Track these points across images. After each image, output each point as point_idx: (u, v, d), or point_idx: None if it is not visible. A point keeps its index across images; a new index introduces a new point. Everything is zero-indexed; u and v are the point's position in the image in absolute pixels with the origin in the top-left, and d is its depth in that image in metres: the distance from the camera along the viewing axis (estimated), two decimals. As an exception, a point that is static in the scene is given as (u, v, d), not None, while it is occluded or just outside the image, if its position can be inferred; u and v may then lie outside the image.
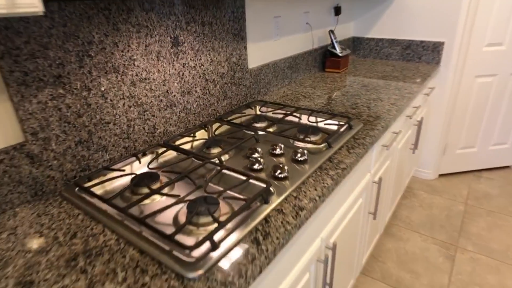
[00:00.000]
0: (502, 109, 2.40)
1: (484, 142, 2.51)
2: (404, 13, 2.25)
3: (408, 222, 2.06)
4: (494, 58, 2.23)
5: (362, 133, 1.18)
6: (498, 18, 2.11)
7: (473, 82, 2.28)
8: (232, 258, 0.63)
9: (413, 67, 2.15)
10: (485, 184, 2.44)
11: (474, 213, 2.13)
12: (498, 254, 1.80)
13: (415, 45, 2.28)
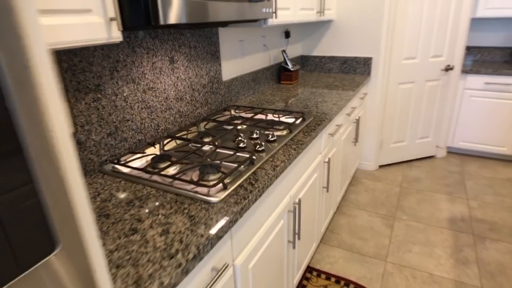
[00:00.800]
0: (422, 109, 3.00)
1: (411, 137, 3.09)
2: (340, 35, 2.79)
3: (356, 203, 2.51)
4: (411, 69, 2.82)
5: (313, 123, 1.60)
6: (410, 38, 2.71)
7: (397, 88, 2.85)
8: (237, 191, 0.99)
9: (349, 78, 2.67)
10: (415, 171, 2.99)
11: (407, 193, 2.64)
12: (424, 219, 2.30)
13: (350, 61, 2.82)
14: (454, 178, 2.84)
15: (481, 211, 2.38)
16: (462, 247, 2.03)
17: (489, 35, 3.38)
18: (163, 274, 0.69)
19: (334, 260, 1.96)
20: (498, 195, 2.56)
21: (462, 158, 3.20)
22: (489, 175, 2.88)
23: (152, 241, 0.79)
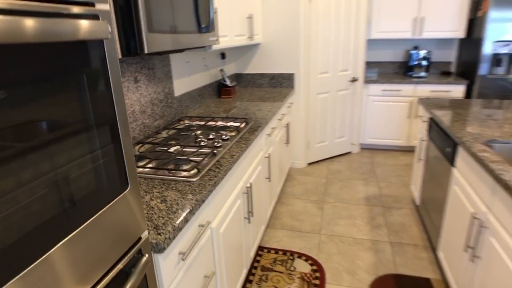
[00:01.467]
0: (337, 114, 3.64)
1: (331, 137, 3.70)
2: (267, 55, 3.30)
3: (292, 194, 2.98)
4: (325, 81, 3.44)
5: (254, 126, 2.01)
6: (322, 56, 3.33)
7: (316, 98, 3.44)
8: (208, 173, 1.34)
9: (278, 91, 3.18)
10: (337, 165, 3.59)
11: (332, 182, 3.19)
12: (347, 200, 2.85)
13: (277, 76, 3.34)
14: (367, 167, 3.50)
15: (388, 189, 3.01)
16: (375, 216, 2.59)
17: (383, 52, 4.21)
18: (172, 222, 1.01)
19: (280, 238, 2.37)
20: (399, 177, 3.25)
21: (372, 152, 3.92)
22: (392, 162, 3.60)
23: (156, 207, 1.10)
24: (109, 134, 0.72)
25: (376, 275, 1.99)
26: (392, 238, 2.33)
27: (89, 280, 0.67)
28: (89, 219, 0.66)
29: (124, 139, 0.76)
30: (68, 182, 0.62)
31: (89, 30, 0.58)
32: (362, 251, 2.20)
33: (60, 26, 0.52)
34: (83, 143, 0.65)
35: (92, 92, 0.66)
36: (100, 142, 0.69)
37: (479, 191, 1.44)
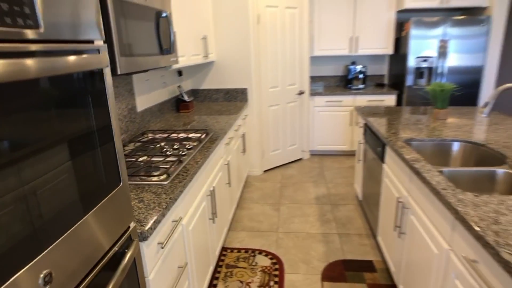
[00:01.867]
0: (288, 124, 3.97)
1: (284, 146, 4.01)
2: (221, 72, 3.54)
3: (250, 199, 3.21)
4: (275, 95, 3.76)
5: (214, 136, 2.23)
6: (272, 72, 3.65)
7: (268, 110, 3.74)
8: (177, 177, 1.54)
9: (233, 105, 3.42)
10: (290, 170, 3.89)
11: (286, 186, 3.48)
12: (300, 201, 3.14)
13: (232, 91, 3.59)
14: (316, 171, 3.84)
15: (335, 189, 3.36)
16: (325, 213, 2.90)
17: (325, 68, 4.66)
18: (151, 216, 1.19)
19: (241, 239, 2.58)
20: (344, 177, 3.63)
21: (320, 157, 4.29)
22: (338, 165, 3.98)
23: (136, 206, 1.28)
24: (106, 137, 0.90)
25: (327, 262, 2.27)
26: (340, 230, 2.64)
27: (97, 255, 0.84)
28: (96, 206, 0.84)
29: (117, 142, 0.95)
30: (82, 177, 0.79)
31: (96, 62, 0.77)
32: (315, 243, 2.48)
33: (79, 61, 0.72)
34: (88, 146, 0.83)
35: (95, 105, 0.85)
36: (100, 144, 0.87)
37: (401, 179, 1.78)
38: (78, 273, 0.76)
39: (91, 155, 0.83)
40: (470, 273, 1.09)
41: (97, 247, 0.85)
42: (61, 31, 0.71)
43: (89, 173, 0.83)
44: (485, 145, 1.79)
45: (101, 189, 0.88)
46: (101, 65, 0.80)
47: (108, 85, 0.89)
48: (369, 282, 2.05)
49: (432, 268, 1.38)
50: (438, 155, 1.95)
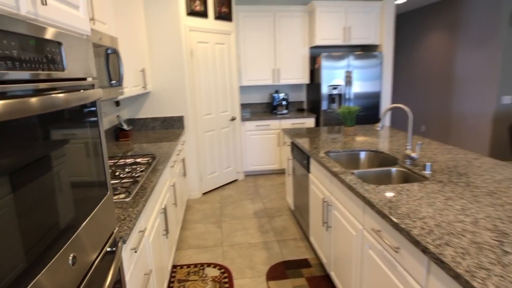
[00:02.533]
0: (223, 148, 4.27)
1: (220, 168, 4.28)
2: (158, 101, 3.74)
3: (193, 220, 3.39)
4: (210, 121, 4.06)
5: (161, 160, 2.42)
6: (206, 100, 3.96)
7: (204, 135, 4.01)
8: (137, 194, 1.72)
9: (171, 132, 3.62)
10: (227, 191, 4.16)
11: (226, 205, 3.73)
12: (240, 217, 3.41)
13: (169, 119, 3.79)
14: (252, 189, 4.18)
15: (270, 203, 3.72)
16: (263, 225, 3.22)
17: (253, 96, 5.13)
18: (126, 224, 1.37)
19: (189, 256, 2.74)
20: (277, 193, 4.02)
21: (254, 177, 4.65)
22: (271, 183, 4.38)
23: (106, 220, 1.43)
24: (98, 151, 1.10)
25: (270, 265, 2.56)
26: (278, 237, 2.97)
27: (99, 246, 1.02)
28: (94, 211, 1.03)
29: (105, 156, 1.15)
30: (81, 188, 0.99)
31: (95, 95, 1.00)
32: (257, 251, 2.76)
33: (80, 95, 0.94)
34: (87, 159, 1.03)
35: (91, 126, 1.05)
36: (94, 158, 1.07)
37: (324, 183, 2.20)
38: (90, 258, 0.94)
39: (89, 166, 1.03)
40: (377, 240, 1.48)
41: (99, 241, 1.03)
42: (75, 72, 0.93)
43: (90, 182, 1.02)
44: (383, 152, 2.32)
45: (98, 195, 1.07)
46: (97, 96, 1.02)
47: (99, 110, 1.11)
48: (307, 276, 2.39)
49: (352, 248, 1.77)
50: (350, 162, 2.43)
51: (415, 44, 6.55)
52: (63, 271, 0.79)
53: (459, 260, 0.99)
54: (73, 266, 0.84)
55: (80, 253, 0.89)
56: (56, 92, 0.78)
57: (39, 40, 0.75)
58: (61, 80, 0.86)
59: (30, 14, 0.72)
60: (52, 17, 0.82)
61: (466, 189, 1.57)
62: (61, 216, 0.83)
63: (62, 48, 0.85)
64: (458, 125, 5.54)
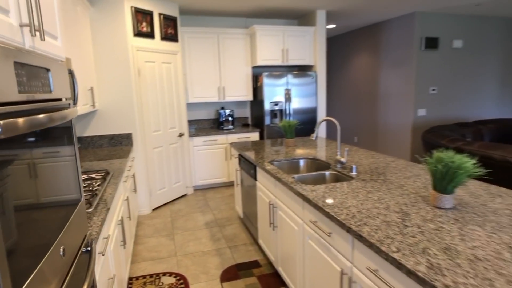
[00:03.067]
0: (171, 163, 4.38)
1: (169, 184, 4.38)
2: (105, 119, 3.77)
3: (144, 235, 3.44)
4: (159, 138, 4.17)
5: (115, 174, 2.51)
6: (154, 117, 4.07)
7: (153, 152, 4.10)
8: (98, 205, 1.83)
9: (120, 149, 3.67)
10: (177, 206, 4.26)
11: (177, 219, 3.83)
12: (191, 228, 3.54)
13: (117, 137, 3.84)
14: (202, 202, 4.33)
15: (220, 214, 3.90)
16: (215, 233, 3.39)
17: (200, 112, 5.32)
18: (94, 229, 1.49)
19: (144, 268, 2.82)
20: (227, 204, 4.22)
21: (203, 191, 4.81)
22: (220, 195, 4.57)
23: (72, 228, 1.54)
24: (72, 162, 1.24)
25: (223, 268, 2.74)
26: (229, 244, 3.16)
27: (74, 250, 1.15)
28: (73, 214, 1.17)
29: (78, 166, 1.29)
30: (64, 193, 1.13)
31: (73, 113, 1.16)
32: (210, 258, 2.93)
33: (62, 114, 1.10)
34: (66, 167, 1.17)
35: (68, 140, 1.20)
36: (71, 167, 1.21)
37: (269, 188, 2.47)
38: (74, 251, 1.08)
39: (67, 175, 1.17)
40: (314, 230, 1.77)
41: (79, 238, 1.16)
42: (58, 93, 1.09)
43: (69, 189, 1.16)
44: (319, 159, 2.67)
45: (75, 200, 1.20)
46: (74, 115, 1.18)
47: (73, 125, 1.25)
48: (257, 275, 2.61)
49: (295, 241, 2.05)
50: (291, 169, 2.74)
51: (346, 64, 7.30)
52: (57, 260, 0.93)
53: (372, 234, 1.31)
54: (64, 257, 0.98)
55: (67, 247, 1.03)
56: (50, 111, 0.94)
57: (35, 68, 0.91)
58: (50, 100, 1.02)
59: (31, 47, 0.89)
60: (44, 48, 0.98)
61: (383, 184, 1.94)
62: (54, 215, 0.97)
63: (50, 73, 1.01)
64: (384, 134, 6.26)
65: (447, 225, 1.36)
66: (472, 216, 1.44)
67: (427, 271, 1.03)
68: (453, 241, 1.22)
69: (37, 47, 0.94)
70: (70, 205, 1.16)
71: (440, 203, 1.54)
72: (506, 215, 1.44)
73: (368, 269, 1.30)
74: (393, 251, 1.16)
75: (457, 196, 1.70)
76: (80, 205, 1.27)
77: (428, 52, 5.49)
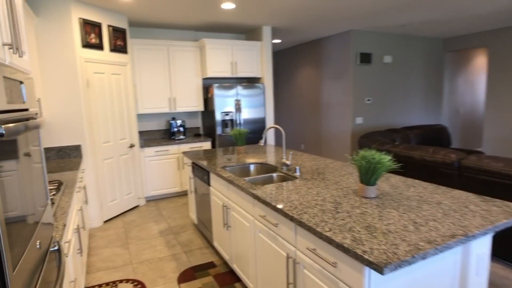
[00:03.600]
0: (123, 175, 4.37)
1: (121, 195, 4.36)
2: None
3: (98, 247, 3.42)
4: (109, 149, 4.16)
5: (68, 185, 2.54)
6: (104, 129, 4.07)
7: (103, 163, 4.08)
8: (56, 213, 1.88)
9: (69, 161, 3.62)
10: (130, 217, 4.26)
11: (130, 229, 3.84)
12: (146, 237, 3.59)
13: (65, 148, 3.77)
14: (155, 213, 4.37)
15: (174, 222, 3.99)
16: (170, 240, 3.48)
17: (151, 123, 5.36)
18: (57, 235, 1.57)
19: (100, 278, 2.83)
20: (180, 213, 4.31)
21: (156, 201, 4.84)
22: (173, 205, 4.64)
23: (33, 234, 1.60)
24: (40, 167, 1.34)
25: (180, 271, 2.86)
26: (185, 249, 3.28)
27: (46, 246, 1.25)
28: (43, 213, 1.26)
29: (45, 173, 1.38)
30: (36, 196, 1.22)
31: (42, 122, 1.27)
32: (167, 263, 3.02)
33: (36, 123, 1.22)
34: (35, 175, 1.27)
35: (33, 150, 1.30)
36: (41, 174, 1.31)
37: (223, 192, 2.66)
38: (47, 246, 1.18)
39: (38, 180, 1.27)
40: (263, 223, 2.00)
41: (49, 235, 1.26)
42: (29, 104, 1.20)
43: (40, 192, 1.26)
44: (267, 163, 2.92)
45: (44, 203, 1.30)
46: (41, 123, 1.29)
47: (40, 134, 1.35)
48: (213, 274, 2.77)
49: (248, 237, 2.25)
50: (243, 173, 2.96)
51: (292, 76, 7.76)
52: (35, 251, 1.04)
53: (310, 220, 1.56)
54: (40, 249, 1.09)
55: (42, 241, 1.14)
56: (25, 120, 1.07)
57: (13, 81, 1.03)
58: (22, 110, 1.13)
59: (10, 63, 1.01)
60: (18, 63, 1.10)
61: (322, 181, 2.23)
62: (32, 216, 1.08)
63: (23, 85, 1.13)
64: (327, 141, 6.75)
65: (370, 210, 1.66)
66: (390, 202, 1.76)
67: (351, 242, 1.30)
68: (373, 221, 1.51)
69: (14, 63, 1.05)
70: (40, 206, 1.26)
71: (365, 193, 1.84)
72: (416, 200, 1.78)
73: (308, 249, 1.55)
74: (326, 231, 1.42)
75: (380, 188, 2.03)
76: (47, 207, 1.36)
77: (363, 66, 6.09)
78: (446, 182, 3.07)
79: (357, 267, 1.25)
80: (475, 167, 2.82)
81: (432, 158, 3.17)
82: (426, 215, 1.56)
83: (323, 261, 1.45)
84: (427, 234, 1.35)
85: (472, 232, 1.37)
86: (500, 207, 1.65)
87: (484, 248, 1.55)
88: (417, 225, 1.44)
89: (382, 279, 1.24)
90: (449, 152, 3.11)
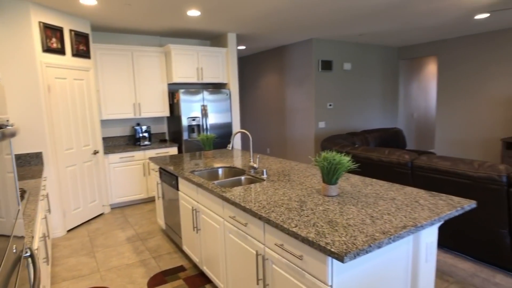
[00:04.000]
0: (86, 182, 4.27)
1: (85, 203, 4.25)
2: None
3: (61, 257, 3.33)
4: (72, 156, 4.05)
5: (31, 193, 2.47)
6: (66, 135, 3.96)
7: (66, 170, 3.97)
8: (24, 218, 1.85)
9: (29, 169, 3.49)
10: (95, 225, 4.16)
11: (96, 237, 3.76)
12: (113, 245, 3.54)
13: (24, 156, 3.64)
14: (121, 220, 4.30)
15: (141, 229, 3.96)
16: (138, 247, 3.46)
17: (115, 129, 5.26)
18: (27, 242, 1.56)
19: (66, 287, 2.76)
20: (147, 219, 4.27)
21: (121, 208, 4.75)
22: (139, 212, 4.59)
23: (0, 242, 1.58)
24: (12, 177, 1.34)
25: (149, 277, 2.86)
26: (153, 255, 3.28)
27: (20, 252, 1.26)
28: (16, 219, 1.27)
29: (15, 177, 1.38)
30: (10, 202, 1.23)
31: (16, 131, 1.28)
32: (136, 269, 3.01)
33: (12, 130, 1.23)
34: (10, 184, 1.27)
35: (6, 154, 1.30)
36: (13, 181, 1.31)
37: (192, 195, 2.71)
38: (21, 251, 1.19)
39: (12, 186, 1.28)
40: (233, 224, 2.08)
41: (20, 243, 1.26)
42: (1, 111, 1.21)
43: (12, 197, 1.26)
44: (235, 166, 3.01)
45: (16, 209, 1.30)
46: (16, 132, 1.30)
47: (11, 142, 1.35)
48: (184, 277, 2.80)
49: (217, 238, 2.33)
50: (211, 177, 3.03)
51: (257, 82, 7.92)
52: (12, 255, 1.06)
53: (278, 217, 1.67)
54: (15, 254, 1.11)
55: (17, 246, 1.15)
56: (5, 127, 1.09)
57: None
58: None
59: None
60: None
61: (288, 183, 2.36)
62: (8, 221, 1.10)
63: (-4, 93, 1.14)
64: (292, 145, 6.97)
65: (332, 206, 1.80)
66: (350, 199, 1.92)
67: (315, 236, 1.42)
68: (335, 216, 1.65)
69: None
70: (13, 217, 1.27)
71: (328, 192, 1.99)
72: (373, 197, 1.96)
73: (276, 244, 1.66)
74: (293, 227, 1.54)
75: (341, 187, 2.19)
76: (19, 213, 1.37)
77: (324, 73, 6.37)
78: (400, 180, 3.33)
79: (321, 258, 1.38)
80: (425, 166, 3.09)
81: (388, 158, 3.42)
82: (382, 210, 1.73)
83: (290, 255, 1.57)
84: (382, 226, 1.51)
85: (421, 223, 1.54)
86: (445, 201, 1.86)
87: (432, 237, 1.74)
88: (374, 219, 1.60)
89: (343, 267, 1.38)
90: (403, 153, 3.38)
